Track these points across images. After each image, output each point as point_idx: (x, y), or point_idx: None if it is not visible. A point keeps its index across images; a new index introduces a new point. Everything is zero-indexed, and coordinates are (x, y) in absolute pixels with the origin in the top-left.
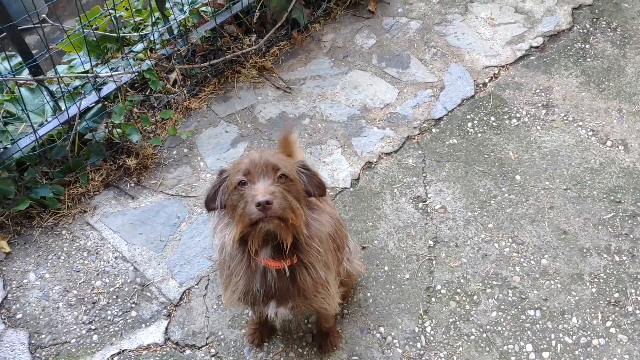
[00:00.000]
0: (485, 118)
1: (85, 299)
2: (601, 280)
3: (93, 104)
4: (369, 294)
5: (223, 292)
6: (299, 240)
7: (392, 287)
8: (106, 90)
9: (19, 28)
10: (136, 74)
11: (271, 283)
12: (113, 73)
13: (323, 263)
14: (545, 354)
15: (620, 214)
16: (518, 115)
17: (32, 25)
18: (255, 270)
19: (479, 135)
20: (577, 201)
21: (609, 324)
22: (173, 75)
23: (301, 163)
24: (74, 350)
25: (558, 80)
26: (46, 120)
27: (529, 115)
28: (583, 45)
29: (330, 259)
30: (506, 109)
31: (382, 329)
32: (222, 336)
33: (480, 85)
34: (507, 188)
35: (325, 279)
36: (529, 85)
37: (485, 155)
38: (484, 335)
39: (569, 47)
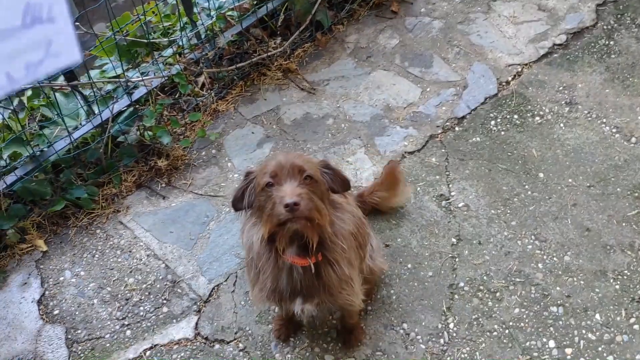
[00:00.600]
0: (508, 116)
1: (119, 295)
2: (625, 277)
3: (125, 108)
4: (392, 291)
5: (251, 290)
6: (323, 238)
7: (416, 284)
8: (137, 94)
9: None
10: (166, 78)
11: (297, 280)
12: (144, 77)
13: (347, 260)
14: (568, 350)
15: None
16: (541, 113)
17: None
18: (282, 267)
19: (502, 133)
20: (600, 198)
21: (632, 320)
22: (201, 79)
23: (324, 163)
24: (108, 345)
25: (582, 78)
26: (80, 124)
27: (552, 113)
28: (607, 42)
29: (352, 256)
30: (529, 106)
31: (405, 325)
32: (249, 331)
33: (504, 83)
34: (531, 186)
35: (350, 276)
36: (552, 83)
37: (509, 153)
38: (507, 331)
39: (592, 44)
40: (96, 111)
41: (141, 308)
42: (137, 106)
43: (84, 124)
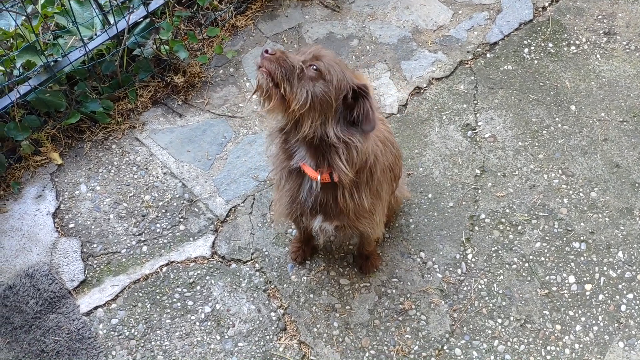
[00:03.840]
0: (542, 44)
1: (135, 211)
2: None
3: (141, 19)
4: (411, 220)
5: (275, 203)
6: (329, 154)
7: (435, 214)
8: (154, 4)
9: None
10: None
11: (314, 195)
12: None
13: (372, 191)
14: (588, 286)
15: None
16: (577, 42)
17: None
18: (301, 177)
19: (535, 62)
20: (633, 134)
21: None
22: None
23: (363, 85)
24: (124, 260)
25: (623, 6)
26: (95, 34)
27: (588, 43)
28: None
29: (384, 189)
30: (565, 35)
31: (422, 254)
32: (266, 252)
33: (540, 9)
34: (561, 118)
35: (372, 207)
36: (591, 11)
37: (541, 83)
38: (526, 265)
39: None
40: (112, 21)
41: (158, 225)
42: (153, 18)
43: (99, 34)
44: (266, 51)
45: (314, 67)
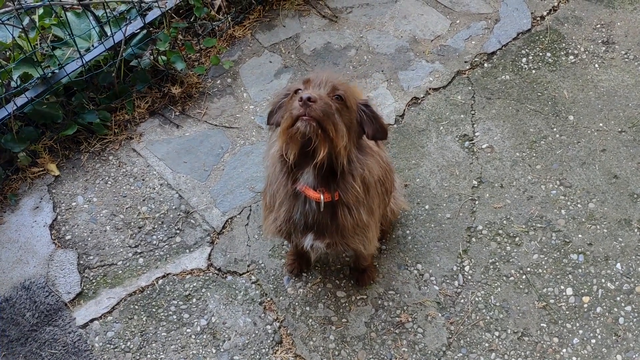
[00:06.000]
0: (540, 54)
1: (132, 223)
2: None
3: (138, 30)
4: (408, 232)
5: (264, 220)
6: (341, 175)
7: (432, 225)
8: (151, 16)
9: None
10: None
11: (310, 214)
12: None
13: (367, 207)
14: (586, 299)
15: None
16: (575, 51)
17: None
18: (298, 198)
19: (533, 71)
20: (631, 144)
21: None
22: (217, 2)
23: (365, 101)
24: (120, 272)
25: (621, 15)
26: (92, 46)
27: (587, 52)
28: None
29: (376, 203)
30: (563, 44)
31: (419, 266)
32: (262, 265)
33: (538, 18)
34: (559, 128)
35: (366, 223)
36: (589, 20)
37: (538, 93)
38: (524, 277)
39: None
40: (109, 33)
41: (154, 237)
42: (150, 29)
43: (96, 45)
44: (308, 99)
45: (336, 97)
